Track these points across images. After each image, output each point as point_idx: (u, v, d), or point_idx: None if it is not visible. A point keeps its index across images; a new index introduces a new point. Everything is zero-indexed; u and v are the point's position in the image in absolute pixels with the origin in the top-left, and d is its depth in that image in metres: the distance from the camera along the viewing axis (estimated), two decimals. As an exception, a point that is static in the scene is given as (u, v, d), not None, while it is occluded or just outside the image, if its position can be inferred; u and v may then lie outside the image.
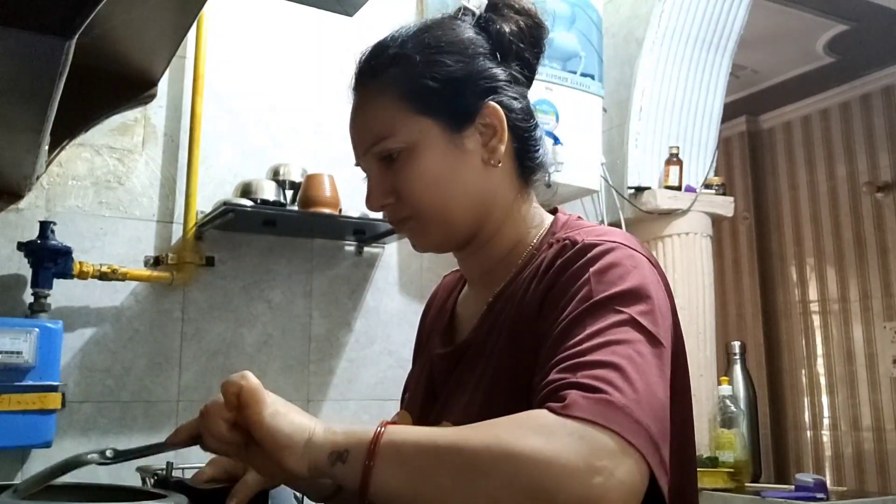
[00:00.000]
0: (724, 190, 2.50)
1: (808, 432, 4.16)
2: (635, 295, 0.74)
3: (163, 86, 1.88)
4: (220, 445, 0.71)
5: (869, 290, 3.97)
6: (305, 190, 1.87)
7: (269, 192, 1.88)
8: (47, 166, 1.73)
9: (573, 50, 2.15)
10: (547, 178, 0.95)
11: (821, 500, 1.91)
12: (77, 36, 0.83)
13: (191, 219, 1.86)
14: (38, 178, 1.71)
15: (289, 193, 1.93)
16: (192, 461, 1.08)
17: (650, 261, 0.80)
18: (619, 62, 2.45)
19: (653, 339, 0.71)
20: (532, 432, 0.62)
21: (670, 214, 2.34)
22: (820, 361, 4.14)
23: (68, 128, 1.73)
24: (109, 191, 1.83)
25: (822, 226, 4.20)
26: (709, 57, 2.48)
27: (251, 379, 0.70)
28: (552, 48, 2.11)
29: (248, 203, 1.81)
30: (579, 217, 0.92)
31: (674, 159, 2.38)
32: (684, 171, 2.39)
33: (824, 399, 4.11)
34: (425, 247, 0.91)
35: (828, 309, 4.15)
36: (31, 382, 1.52)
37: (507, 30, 0.89)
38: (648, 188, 2.34)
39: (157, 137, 1.90)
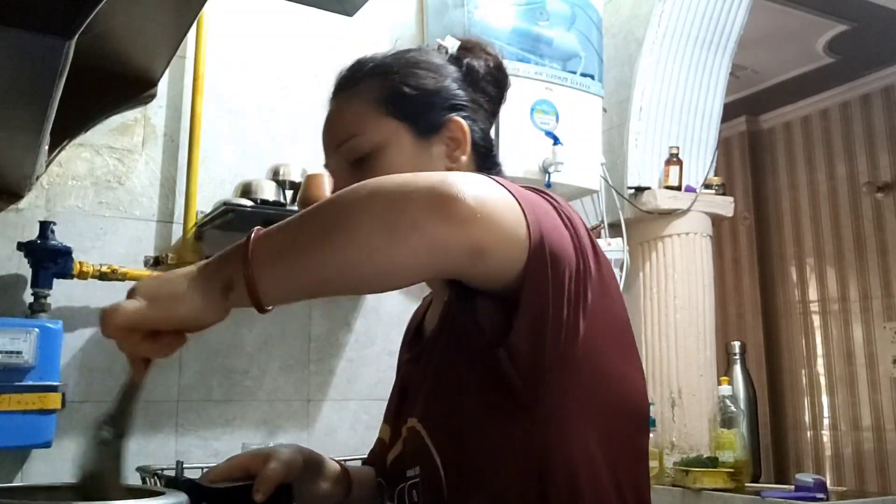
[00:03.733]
0: (724, 190, 2.50)
1: (808, 432, 4.16)
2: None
3: (163, 86, 1.88)
4: None
5: (869, 290, 3.97)
6: (305, 190, 1.87)
7: (269, 192, 1.88)
8: (47, 166, 1.73)
9: (573, 50, 2.15)
10: (546, 178, 0.97)
11: (821, 500, 1.91)
12: (77, 36, 0.83)
13: (191, 219, 1.86)
14: (38, 178, 1.71)
15: (289, 193, 1.93)
16: (193, 462, 1.08)
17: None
18: (619, 62, 2.45)
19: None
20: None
21: (670, 214, 2.34)
22: (820, 361, 4.14)
23: (68, 128, 1.73)
24: (109, 191, 1.83)
25: (822, 226, 4.20)
26: (709, 57, 2.48)
27: None
28: (552, 48, 2.11)
29: (248, 203, 1.81)
30: None
31: (674, 159, 2.38)
32: (684, 171, 2.39)
33: (824, 399, 4.11)
34: None
35: (828, 309, 4.14)
36: (31, 382, 1.52)
37: (476, 64, 0.97)
38: (648, 188, 2.34)
39: (157, 137, 1.90)
